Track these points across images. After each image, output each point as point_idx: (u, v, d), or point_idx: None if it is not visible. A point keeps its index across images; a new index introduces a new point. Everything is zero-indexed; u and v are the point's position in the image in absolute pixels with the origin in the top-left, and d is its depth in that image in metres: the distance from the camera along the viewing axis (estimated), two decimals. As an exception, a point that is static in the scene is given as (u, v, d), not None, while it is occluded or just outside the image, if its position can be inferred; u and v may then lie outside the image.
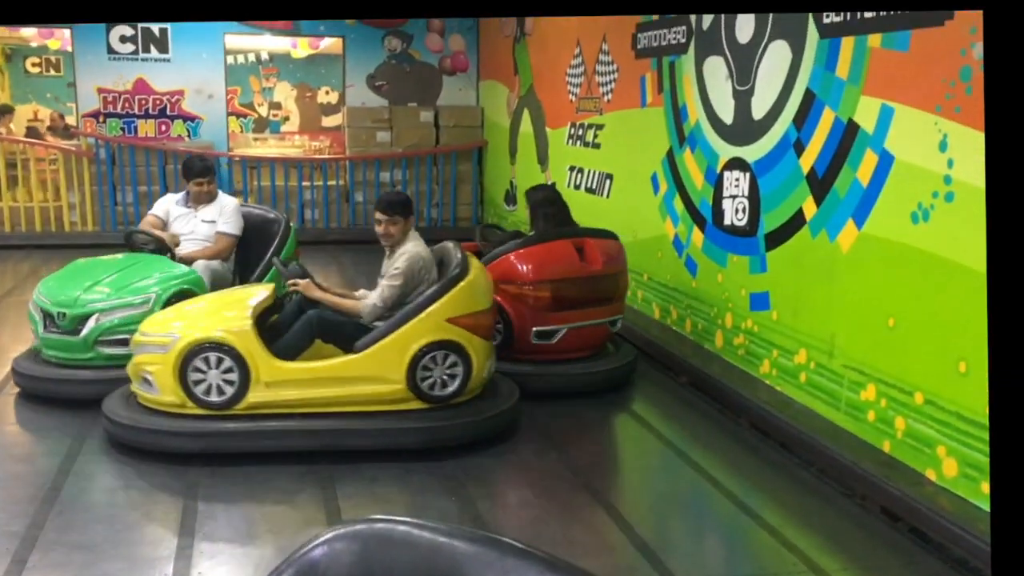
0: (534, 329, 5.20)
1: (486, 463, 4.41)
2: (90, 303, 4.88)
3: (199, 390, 4.17)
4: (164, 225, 5.69)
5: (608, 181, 7.20)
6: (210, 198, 5.75)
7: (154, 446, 4.22)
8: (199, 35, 10.29)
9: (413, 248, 4.50)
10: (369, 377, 4.30)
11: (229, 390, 4.18)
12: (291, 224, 5.91)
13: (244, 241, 5.73)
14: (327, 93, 15.82)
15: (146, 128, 10.38)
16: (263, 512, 3.89)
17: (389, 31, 10.78)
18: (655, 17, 6.28)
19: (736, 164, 5.33)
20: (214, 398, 4.19)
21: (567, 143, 7.98)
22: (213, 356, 4.15)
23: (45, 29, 12.45)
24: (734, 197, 5.36)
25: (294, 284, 4.58)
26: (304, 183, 10.59)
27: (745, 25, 5.20)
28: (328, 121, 15.72)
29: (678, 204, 6.06)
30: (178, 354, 4.15)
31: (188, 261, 5.38)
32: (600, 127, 7.34)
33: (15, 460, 4.41)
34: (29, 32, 12.09)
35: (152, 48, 10.24)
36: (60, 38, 13.32)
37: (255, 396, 4.20)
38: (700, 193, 5.77)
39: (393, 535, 1.53)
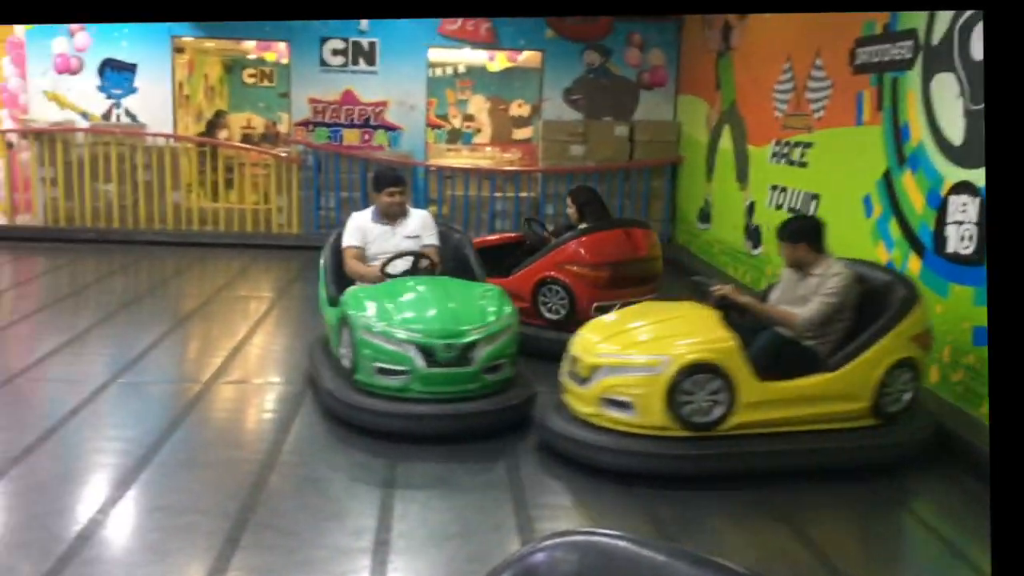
0: (594, 304, 5.88)
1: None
2: (473, 331, 4.59)
3: (685, 411, 4.10)
4: (364, 251, 5.41)
5: (813, 202, 6.85)
6: (403, 211, 5.50)
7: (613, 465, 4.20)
8: (404, 49, 10.66)
9: (844, 269, 4.57)
10: (840, 396, 4.32)
11: (716, 411, 4.12)
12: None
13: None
14: (519, 106, 16.04)
15: (351, 137, 10.84)
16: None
17: (588, 45, 10.77)
18: (878, 31, 5.92)
19: (964, 188, 4.92)
20: (700, 419, 4.13)
21: (770, 161, 7.67)
22: (702, 377, 4.09)
23: (263, 42, 13.26)
24: (960, 223, 4.94)
25: (719, 291, 4.60)
26: (496, 194, 10.73)
27: (980, 40, 4.79)
28: (519, 134, 15.96)
29: (894, 228, 5.66)
30: (670, 377, 4.07)
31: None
32: (808, 145, 7.00)
33: (227, 446, 4.64)
34: (249, 44, 12.90)
35: (361, 61, 10.68)
36: (276, 51, 14.19)
37: (739, 417, 4.14)
38: (920, 217, 5.36)
39: (615, 550, 1.50)
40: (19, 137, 10.44)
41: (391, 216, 5.45)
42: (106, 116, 10.69)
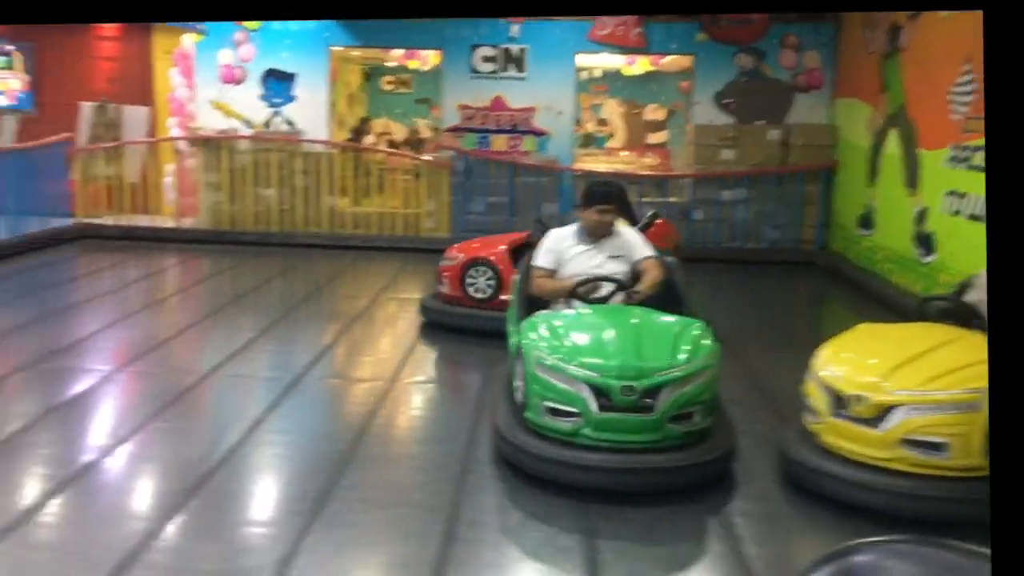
0: None
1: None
2: (658, 372, 3.94)
3: None
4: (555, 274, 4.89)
5: (999, 208, 6.53)
6: (610, 230, 4.92)
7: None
8: (553, 55, 10.73)
9: None
10: None
11: None
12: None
13: None
14: (654, 110, 15.92)
15: (498, 143, 10.97)
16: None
17: (741, 48, 10.60)
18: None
19: None
20: None
21: (946, 165, 7.36)
22: None
23: (409, 50, 13.56)
24: None
25: None
26: (643, 199, 10.67)
27: None
28: (653, 138, 15.84)
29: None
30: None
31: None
32: (993, 149, 6.68)
33: (421, 442, 4.75)
34: (397, 52, 13.22)
35: (510, 67, 10.80)
36: (419, 58, 14.50)
37: None
38: None
39: (950, 562, 1.44)
40: (187, 144, 10.98)
41: (597, 235, 4.89)
42: (267, 124, 11.13)
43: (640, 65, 13.33)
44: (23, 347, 6.19)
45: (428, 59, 14.69)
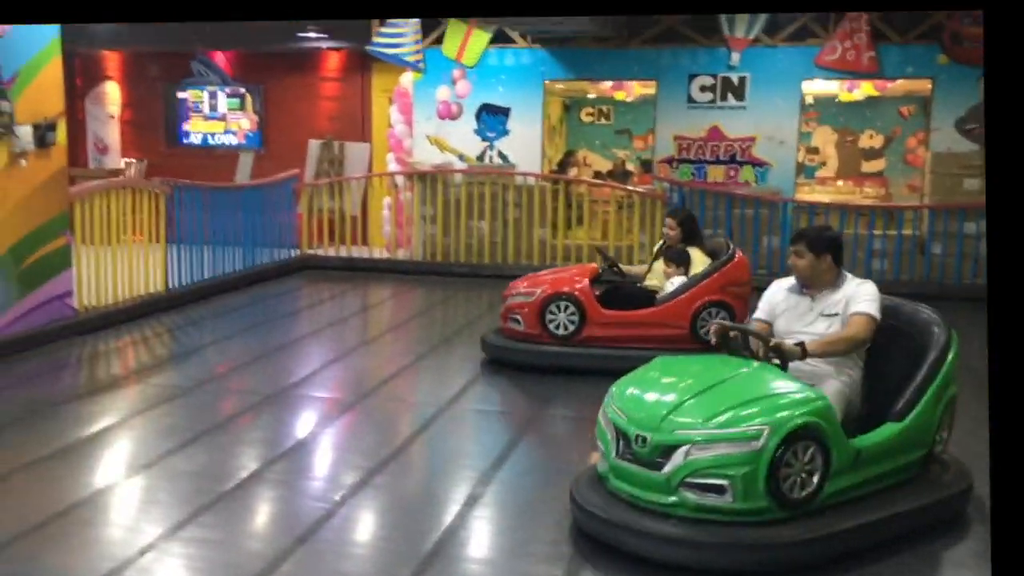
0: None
1: None
2: (680, 429, 3.53)
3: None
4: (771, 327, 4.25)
5: None
6: (827, 281, 4.10)
7: None
8: (777, 82, 10.30)
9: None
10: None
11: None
12: None
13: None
14: (871, 137, 15.04)
15: (715, 173, 10.60)
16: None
17: (987, 69, 9.77)
18: None
19: None
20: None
21: None
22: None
23: (615, 82, 13.44)
24: None
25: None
26: (874, 232, 9.99)
27: None
28: (868, 166, 14.96)
29: None
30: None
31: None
32: None
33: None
34: (604, 85, 13.13)
35: (729, 96, 10.45)
36: (627, 90, 14.36)
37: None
38: None
39: None
40: (404, 178, 11.27)
41: (812, 285, 4.14)
42: (480, 157, 11.27)
43: (863, 90, 12.62)
44: (259, 378, 6.40)
45: (633, 90, 14.57)
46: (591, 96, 15.96)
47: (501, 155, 11.22)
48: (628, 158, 16.26)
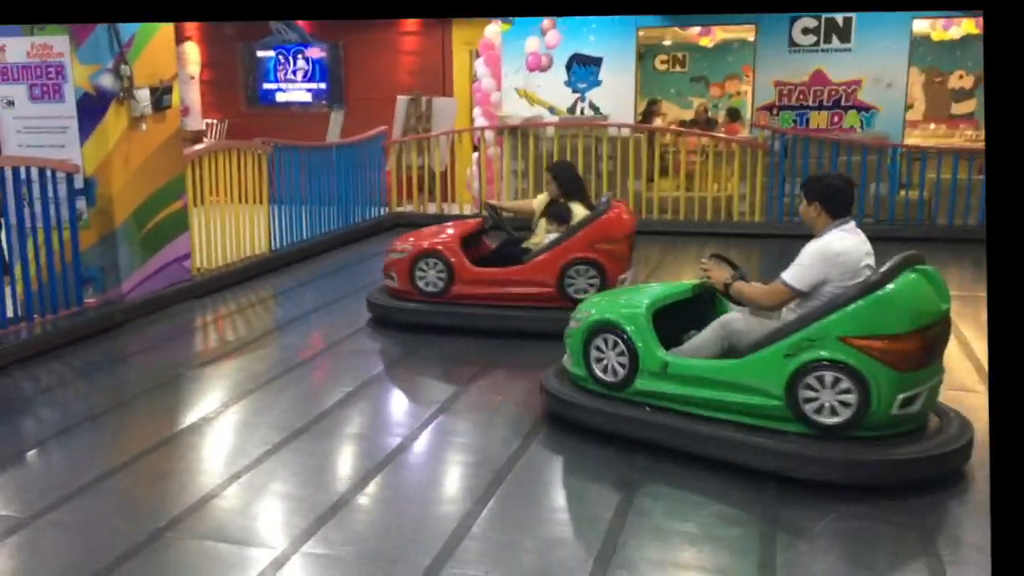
0: (620, 277, 6.14)
1: None
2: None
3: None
4: None
5: None
6: (819, 229, 4.06)
7: None
8: (885, 22, 9.86)
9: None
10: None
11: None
12: None
13: None
14: (960, 77, 14.47)
15: (818, 120, 10.26)
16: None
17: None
18: None
19: None
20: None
21: None
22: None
23: (703, 28, 13.05)
24: None
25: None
26: (978, 176, 9.60)
27: None
28: (958, 108, 14.42)
29: None
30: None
31: None
32: None
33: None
34: (687, 31, 12.76)
35: (834, 38, 10.05)
36: (712, 35, 13.95)
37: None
38: None
39: None
40: (494, 133, 11.08)
41: (810, 231, 4.19)
42: (571, 109, 11.03)
43: (963, 28, 12.08)
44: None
45: (715, 35, 14.14)
46: (666, 43, 15.55)
47: (593, 106, 10.98)
48: (707, 106, 15.88)
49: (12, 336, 5.81)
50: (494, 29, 11.31)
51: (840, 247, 3.90)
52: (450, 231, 6.53)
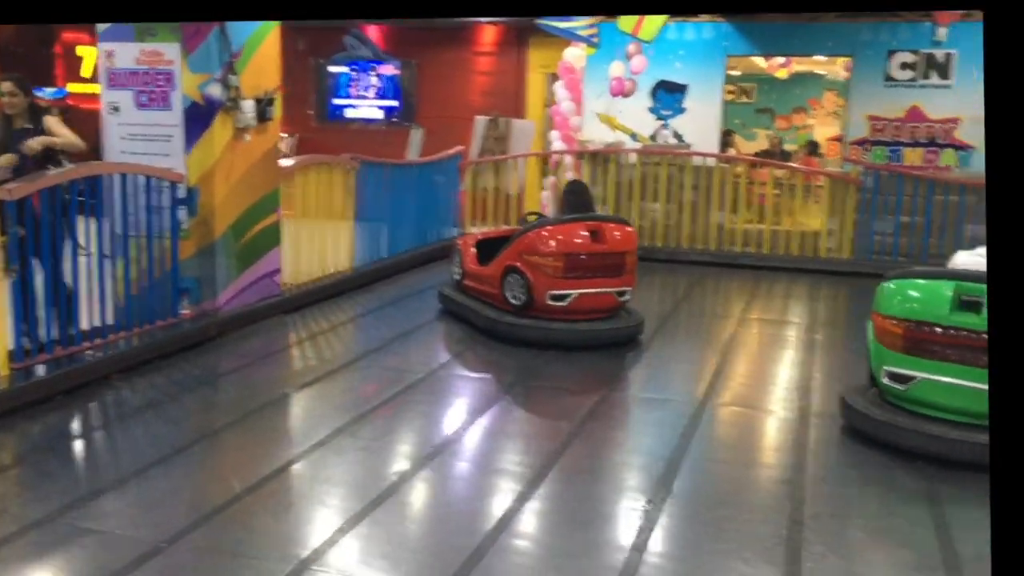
0: (549, 292, 6.28)
1: None
2: None
3: None
4: None
5: None
6: None
7: None
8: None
9: None
10: None
11: None
12: None
13: None
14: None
15: (912, 157, 9.96)
16: None
17: None
18: None
19: None
20: None
21: None
22: None
23: (786, 59, 12.82)
24: None
25: None
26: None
27: None
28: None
29: None
30: None
31: None
32: None
33: None
34: (769, 59, 12.54)
35: (933, 75, 9.78)
36: (788, 67, 13.72)
37: None
38: None
39: None
40: (573, 157, 10.89)
41: None
42: (652, 137, 10.81)
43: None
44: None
45: (792, 67, 13.90)
46: (734, 73, 15.35)
47: (676, 135, 10.75)
48: (773, 139, 15.62)
49: (111, 346, 5.65)
50: (575, 52, 11.14)
51: None
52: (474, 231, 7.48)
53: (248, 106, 6.58)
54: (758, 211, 10.74)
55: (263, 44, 6.77)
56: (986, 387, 4.00)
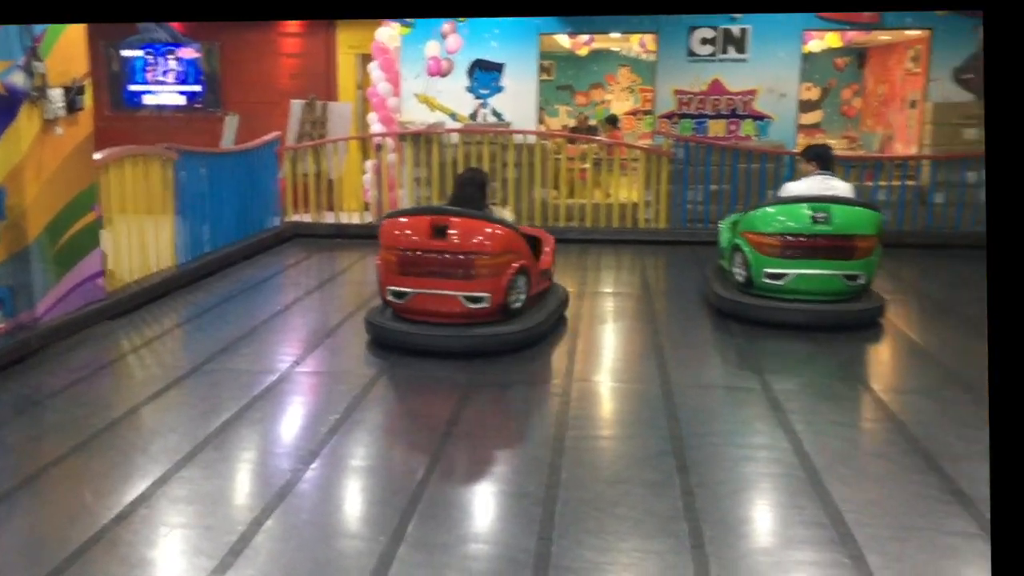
0: (388, 287, 5.98)
1: None
2: None
3: None
4: None
5: None
6: None
7: None
8: (778, 34, 10.28)
9: None
10: None
11: None
12: None
13: None
14: (807, 89, 15.33)
15: (716, 128, 10.57)
16: None
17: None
18: None
19: None
20: None
21: None
22: None
23: (590, 36, 13.17)
24: None
25: None
26: (880, 183, 10.18)
27: None
28: (805, 119, 15.28)
29: None
30: None
31: None
32: None
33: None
34: (575, 37, 12.85)
35: (730, 49, 10.39)
36: (589, 45, 14.10)
37: None
38: None
39: None
40: (396, 140, 10.75)
41: None
42: (473, 116, 10.86)
43: (828, 41, 12.78)
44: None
45: (593, 43, 14.33)
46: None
47: (495, 113, 10.85)
48: (580, 115, 16.10)
49: (-78, 370, 5.06)
50: (388, 32, 10.99)
51: None
52: None
53: (56, 95, 6.04)
54: (579, 187, 11.08)
55: (68, 27, 6.22)
56: (829, 271, 6.01)
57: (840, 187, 6.74)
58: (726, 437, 4.48)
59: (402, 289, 5.94)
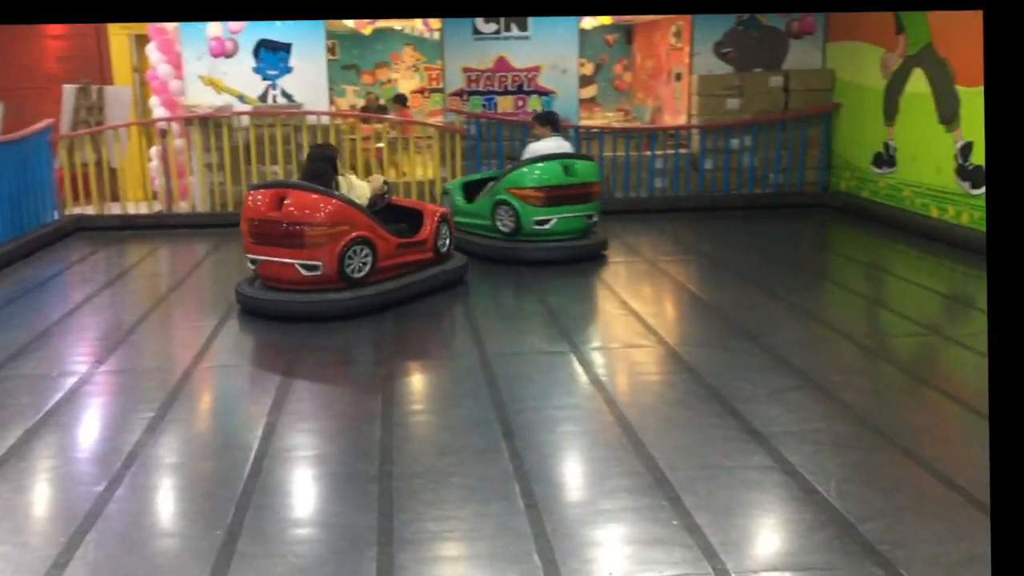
0: (246, 255, 6.65)
1: None
2: None
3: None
4: None
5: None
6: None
7: None
8: (558, 12, 10.73)
9: None
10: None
11: None
12: None
13: None
14: (582, 65, 16.05)
15: (504, 104, 10.93)
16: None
17: (739, -1, 10.93)
18: None
19: None
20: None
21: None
22: None
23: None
24: None
25: None
26: (656, 152, 10.90)
27: None
28: (582, 92, 16.04)
29: None
30: None
31: None
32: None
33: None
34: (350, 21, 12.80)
35: (513, 27, 10.75)
36: (372, 24, 14.07)
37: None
38: None
39: None
40: (183, 124, 10.35)
41: None
42: (263, 98, 10.64)
43: (599, 19, 13.45)
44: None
45: (376, 22, 14.32)
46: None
47: (285, 94, 10.68)
48: (370, 95, 16.04)
49: None
50: (166, 12, 10.50)
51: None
52: None
53: None
54: (375, 166, 11.12)
55: None
56: (577, 214, 7.63)
57: (566, 145, 8.40)
58: (544, 400, 4.81)
59: (255, 257, 6.54)
